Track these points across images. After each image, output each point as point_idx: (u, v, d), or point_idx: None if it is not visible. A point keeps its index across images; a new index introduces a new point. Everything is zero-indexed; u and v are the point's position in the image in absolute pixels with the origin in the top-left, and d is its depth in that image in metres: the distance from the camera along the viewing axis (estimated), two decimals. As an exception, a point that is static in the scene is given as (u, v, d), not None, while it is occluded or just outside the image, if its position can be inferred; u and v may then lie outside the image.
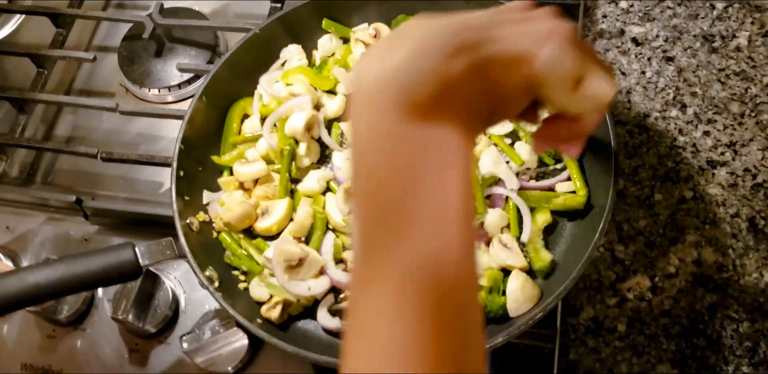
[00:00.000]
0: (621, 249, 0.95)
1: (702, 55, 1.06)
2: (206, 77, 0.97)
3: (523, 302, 0.80)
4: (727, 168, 0.98)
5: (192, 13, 1.21)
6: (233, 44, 0.99)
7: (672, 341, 0.89)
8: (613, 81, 0.54)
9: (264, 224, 0.92)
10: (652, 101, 1.04)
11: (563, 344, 0.90)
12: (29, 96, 1.12)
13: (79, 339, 0.96)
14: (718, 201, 0.96)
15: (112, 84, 1.21)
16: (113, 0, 1.30)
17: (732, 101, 1.03)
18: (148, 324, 0.93)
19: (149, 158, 1.03)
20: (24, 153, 1.15)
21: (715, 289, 0.91)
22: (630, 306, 0.92)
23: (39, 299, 0.81)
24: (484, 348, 0.49)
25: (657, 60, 1.07)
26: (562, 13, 0.55)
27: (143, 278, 0.91)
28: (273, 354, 0.91)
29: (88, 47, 1.25)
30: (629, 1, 1.12)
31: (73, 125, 1.18)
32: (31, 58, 1.16)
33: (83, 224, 1.04)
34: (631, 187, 0.98)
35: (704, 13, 1.10)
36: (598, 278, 0.94)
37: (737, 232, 0.94)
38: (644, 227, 0.96)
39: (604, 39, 1.10)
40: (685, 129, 1.02)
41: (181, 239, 0.86)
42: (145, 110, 1.10)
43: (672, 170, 0.99)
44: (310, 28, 1.04)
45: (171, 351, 0.94)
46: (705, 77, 1.05)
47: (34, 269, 0.80)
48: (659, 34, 1.09)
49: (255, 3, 1.22)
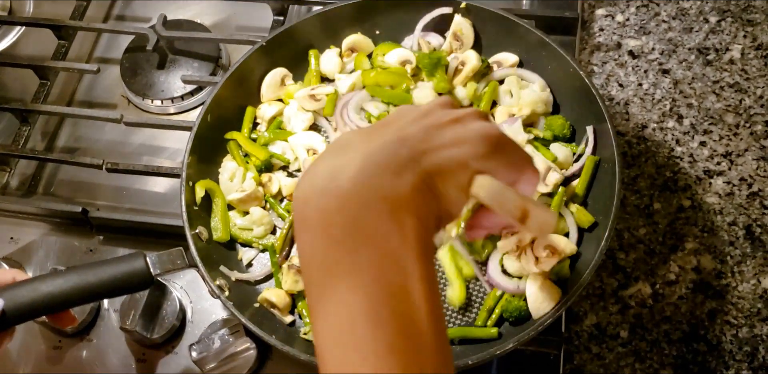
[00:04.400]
0: (622, 257, 0.97)
1: (697, 68, 1.09)
2: (214, 87, 0.98)
3: (543, 301, 0.81)
4: (724, 178, 1.01)
5: (194, 26, 1.22)
6: (240, 56, 1.01)
7: (673, 346, 0.91)
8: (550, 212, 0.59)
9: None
10: (649, 112, 1.06)
11: (567, 350, 0.92)
12: (32, 107, 1.13)
13: (86, 350, 0.97)
14: (716, 210, 0.99)
15: (114, 96, 1.21)
16: (114, 12, 1.31)
17: (727, 112, 1.05)
18: (156, 334, 0.93)
19: (155, 169, 1.04)
20: (25, 164, 1.15)
21: (715, 295, 0.94)
22: (632, 313, 0.93)
23: (52, 308, 0.81)
24: (446, 349, 0.53)
25: (653, 72, 1.10)
26: (484, 114, 0.60)
27: (151, 288, 0.91)
28: (281, 362, 0.92)
29: (89, 59, 1.26)
30: (625, 15, 1.15)
31: (75, 136, 1.18)
32: (33, 69, 1.17)
33: (88, 234, 1.05)
34: (630, 196, 1.01)
35: (698, 26, 1.13)
36: (601, 285, 0.95)
37: (735, 240, 0.97)
38: (644, 235, 0.98)
39: (601, 52, 1.12)
40: (682, 140, 1.04)
41: (192, 248, 0.87)
42: (149, 121, 1.11)
43: (670, 180, 1.01)
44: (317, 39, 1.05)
45: (178, 360, 0.95)
46: (700, 89, 1.07)
47: (47, 279, 0.80)
48: (655, 47, 1.12)
49: (257, 16, 1.23)
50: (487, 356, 0.78)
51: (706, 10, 1.14)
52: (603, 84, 1.09)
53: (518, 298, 0.85)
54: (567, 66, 0.94)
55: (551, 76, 0.98)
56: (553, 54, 0.95)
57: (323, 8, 1.03)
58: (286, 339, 0.84)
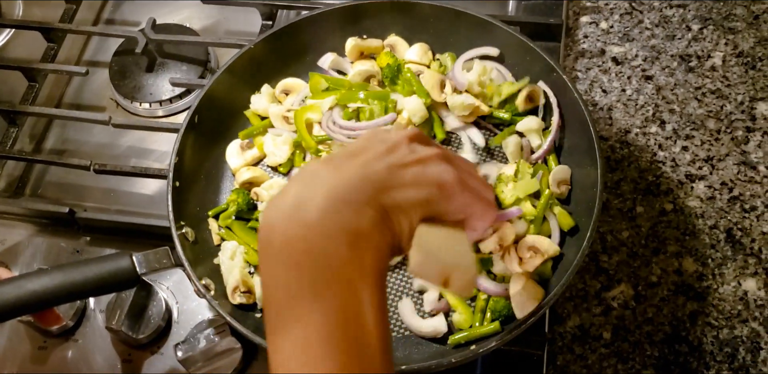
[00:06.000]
0: (605, 259, 0.98)
1: (679, 74, 1.11)
2: (204, 88, 0.99)
3: (527, 301, 0.82)
4: (705, 182, 1.02)
5: (183, 30, 1.23)
6: (228, 59, 1.01)
7: (655, 347, 0.92)
8: (492, 213, 0.69)
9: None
10: (632, 118, 1.08)
11: (551, 351, 0.93)
12: (21, 109, 1.13)
13: (71, 350, 0.96)
14: (697, 213, 1.00)
15: (103, 98, 1.22)
16: (104, 15, 1.31)
17: (708, 117, 1.07)
18: (142, 334, 0.93)
19: (143, 170, 1.04)
20: (13, 166, 1.15)
21: (696, 297, 0.95)
22: (615, 314, 0.95)
23: (36, 306, 0.81)
24: (385, 349, 0.56)
25: (636, 78, 1.11)
26: (446, 156, 0.65)
27: (137, 288, 0.92)
28: (267, 362, 0.92)
29: (78, 61, 1.26)
30: (609, 22, 1.17)
31: (63, 138, 1.18)
32: (22, 71, 1.17)
33: (74, 235, 1.05)
34: (613, 200, 1.02)
35: (681, 34, 1.15)
36: (584, 287, 0.96)
37: (716, 243, 0.98)
38: (627, 238, 0.99)
39: (585, 58, 1.14)
40: (665, 144, 1.06)
41: (178, 248, 0.87)
42: (138, 123, 1.11)
43: (653, 184, 1.03)
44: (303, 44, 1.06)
45: (164, 361, 0.95)
46: (682, 95, 1.09)
47: (32, 277, 0.81)
48: (638, 53, 1.13)
49: (246, 20, 1.24)
50: (471, 355, 0.79)
51: (688, 18, 1.16)
52: (587, 90, 1.11)
53: (504, 298, 0.86)
54: (551, 71, 0.96)
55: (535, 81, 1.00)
56: (538, 59, 0.97)
57: (311, 13, 1.04)
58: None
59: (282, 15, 1.22)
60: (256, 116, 1.04)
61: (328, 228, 0.55)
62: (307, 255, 0.54)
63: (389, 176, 0.59)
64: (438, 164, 0.63)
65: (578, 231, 0.89)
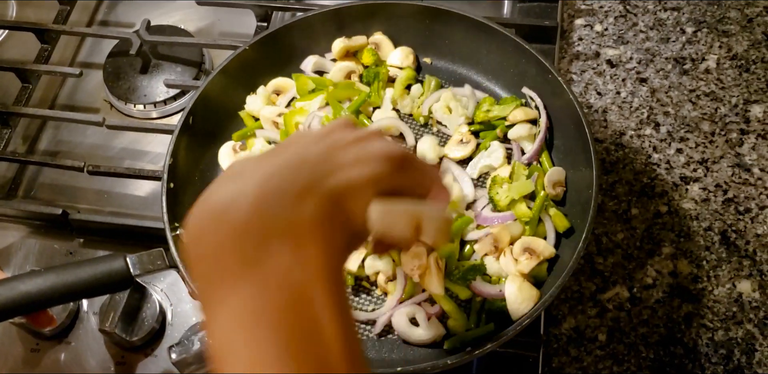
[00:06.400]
0: (600, 261, 0.98)
1: (673, 77, 1.11)
2: (198, 89, 0.98)
3: (523, 302, 0.82)
4: (700, 184, 1.03)
5: (178, 31, 1.23)
6: (222, 60, 1.01)
7: (651, 349, 0.92)
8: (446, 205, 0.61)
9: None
10: (627, 120, 1.08)
11: (546, 353, 0.92)
12: (14, 110, 1.13)
13: (64, 353, 0.96)
14: (692, 215, 1.00)
15: (97, 100, 1.22)
16: (98, 17, 1.31)
17: (703, 120, 1.07)
18: (135, 337, 0.93)
19: (137, 172, 1.04)
20: (6, 167, 1.15)
21: (691, 299, 0.95)
22: (610, 316, 0.94)
23: (29, 308, 0.80)
24: (352, 347, 0.50)
25: (631, 81, 1.12)
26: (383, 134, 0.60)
27: (131, 290, 0.91)
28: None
29: (72, 63, 1.26)
30: (604, 25, 1.17)
31: (56, 140, 1.18)
32: (16, 72, 1.17)
33: (68, 237, 1.04)
34: (608, 202, 1.02)
35: (675, 37, 1.15)
36: (579, 289, 0.96)
37: (710, 245, 0.98)
38: (622, 240, 0.99)
39: (580, 61, 1.14)
40: (659, 147, 1.06)
41: (172, 249, 0.87)
42: (132, 124, 1.11)
43: (647, 186, 1.03)
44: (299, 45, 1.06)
45: (158, 363, 0.94)
46: (677, 98, 1.09)
47: (24, 278, 0.80)
48: (633, 56, 1.14)
49: (241, 22, 1.24)
50: (466, 356, 0.79)
51: (682, 21, 1.16)
52: (582, 92, 1.11)
53: (499, 300, 0.86)
54: (546, 73, 0.96)
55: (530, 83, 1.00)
56: (533, 61, 0.97)
57: (306, 14, 1.04)
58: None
59: (277, 17, 1.22)
60: (251, 117, 1.04)
61: (262, 227, 0.48)
62: (243, 264, 0.47)
63: (329, 158, 0.53)
64: (379, 139, 0.57)
65: (573, 233, 0.90)
